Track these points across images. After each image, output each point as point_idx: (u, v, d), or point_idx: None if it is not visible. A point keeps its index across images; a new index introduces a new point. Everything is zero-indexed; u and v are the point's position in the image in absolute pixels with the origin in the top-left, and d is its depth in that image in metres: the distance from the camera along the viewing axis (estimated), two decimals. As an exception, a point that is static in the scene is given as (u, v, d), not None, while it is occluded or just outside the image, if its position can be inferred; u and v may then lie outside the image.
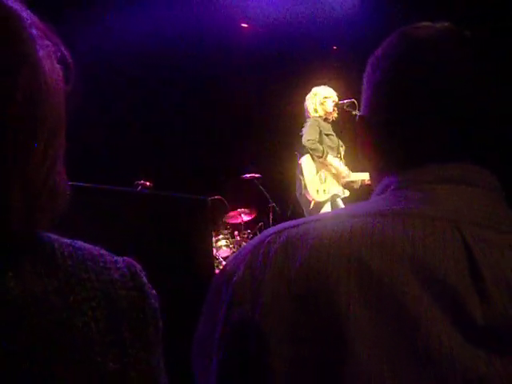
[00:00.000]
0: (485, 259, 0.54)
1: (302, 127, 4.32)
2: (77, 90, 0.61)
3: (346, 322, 0.52)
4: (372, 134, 0.73)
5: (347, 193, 4.30)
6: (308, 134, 4.17)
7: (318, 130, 4.19)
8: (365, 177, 4.17)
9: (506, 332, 0.52)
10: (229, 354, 0.57)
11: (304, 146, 4.18)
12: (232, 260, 0.62)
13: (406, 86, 0.68)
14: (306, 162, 4.27)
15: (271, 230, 0.63)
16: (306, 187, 4.22)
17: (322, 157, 4.14)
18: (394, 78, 0.70)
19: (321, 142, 4.19)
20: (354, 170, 4.26)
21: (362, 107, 0.76)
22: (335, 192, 4.23)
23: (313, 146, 4.13)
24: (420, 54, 0.69)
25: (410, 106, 0.67)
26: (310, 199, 4.22)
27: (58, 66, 0.59)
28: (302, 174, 4.26)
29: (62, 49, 0.60)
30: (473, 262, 0.54)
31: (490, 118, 0.67)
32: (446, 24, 0.72)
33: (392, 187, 0.66)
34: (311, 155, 4.22)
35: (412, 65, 0.69)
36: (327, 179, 4.24)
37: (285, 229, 0.61)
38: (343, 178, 4.21)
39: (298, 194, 4.37)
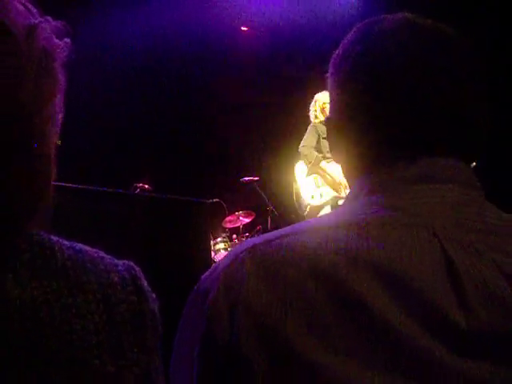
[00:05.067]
0: (463, 265, 0.53)
1: (303, 130, 4.39)
2: (76, 93, 0.61)
3: (328, 345, 0.51)
4: (341, 135, 0.71)
5: None
6: (304, 141, 4.28)
7: (316, 136, 4.26)
8: None
9: (490, 338, 0.51)
10: (209, 373, 0.56)
11: (299, 153, 4.29)
12: (206, 277, 0.61)
13: (367, 84, 0.66)
14: (299, 168, 4.37)
15: (243, 245, 0.60)
16: (299, 193, 4.28)
17: (311, 162, 4.21)
18: (355, 77, 0.67)
19: (319, 146, 4.25)
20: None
21: (329, 110, 0.74)
22: (335, 195, 4.23)
23: (305, 152, 4.24)
24: (378, 48, 0.66)
25: (375, 104, 0.65)
26: (306, 204, 4.25)
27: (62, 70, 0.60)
28: (295, 180, 4.33)
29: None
30: (452, 269, 0.53)
31: (461, 109, 0.64)
32: (406, 14, 0.69)
33: (365, 191, 0.64)
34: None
35: (372, 61, 0.66)
36: (324, 183, 4.26)
37: (257, 244, 0.59)
38: (339, 183, 4.21)
39: (294, 200, 4.43)
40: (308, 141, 4.25)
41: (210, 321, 0.56)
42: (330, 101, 0.74)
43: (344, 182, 4.23)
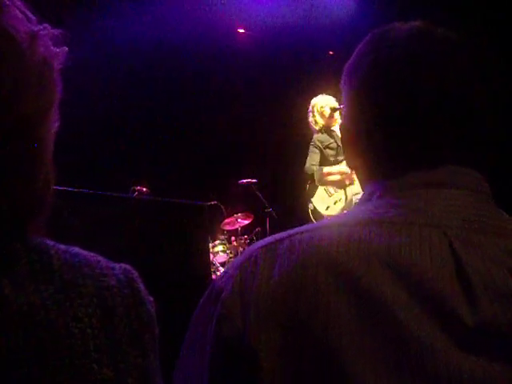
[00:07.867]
0: (472, 263, 0.54)
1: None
2: (73, 95, 0.61)
3: (337, 337, 0.51)
4: (355, 144, 0.72)
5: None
6: (307, 161, 4.30)
7: (318, 152, 4.28)
8: None
9: (496, 336, 0.52)
10: (220, 371, 0.56)
11: (306, 174, 4.32)
12: (221, 277, 0.61)
13: (380, 92, 0.67)
14: (309, 188, 4.35)
15: (258, 244, 0.62)
16: (316, 209, 4.26)
17: (317, 178, 4.23)
18: (369, 85, 0.69)
19: (324, 157, 4.26)
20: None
21: (344, 117, 0.76)
22: (348, 195, 4.21)
23: (310, 172, 4.27)
24: (391, 57, 0.67)
25: (389, 111, 0.67)
26: (323, 215, 4.24)
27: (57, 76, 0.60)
28: (310, 201, 4.32)
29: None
30: (460, 267, 0.54)
31: (476, 117, 0.66)
32: (418, 23, 0.71)
33: (377, 194, 0.65)
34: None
35: (384, 69, 0.67)
36: (335, 190, 4.24)
37: (272, 243, 0.60)
38: (346, 174, 4.17)
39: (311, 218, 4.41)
40: (311, 160, 4.28)
41: (222, 319, 0.57)
42: (345, 109, 0.75)
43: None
